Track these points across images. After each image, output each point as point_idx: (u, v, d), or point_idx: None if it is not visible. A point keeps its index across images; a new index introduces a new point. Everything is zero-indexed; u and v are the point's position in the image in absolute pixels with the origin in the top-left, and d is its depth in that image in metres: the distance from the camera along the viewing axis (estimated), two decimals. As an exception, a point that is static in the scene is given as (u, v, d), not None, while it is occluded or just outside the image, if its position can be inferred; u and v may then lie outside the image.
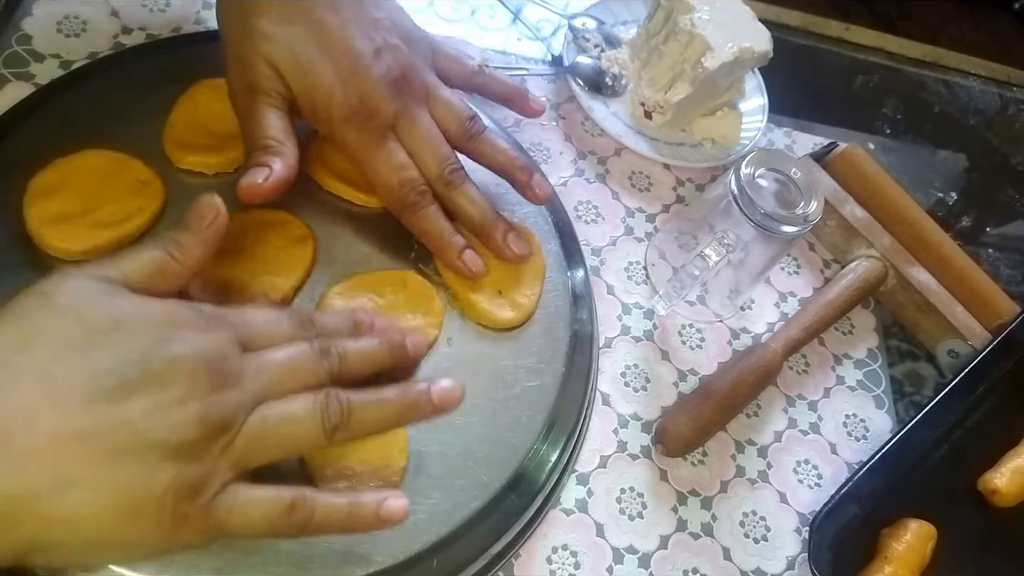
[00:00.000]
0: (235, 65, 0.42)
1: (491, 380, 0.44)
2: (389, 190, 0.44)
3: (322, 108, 0.42)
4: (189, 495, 0.29)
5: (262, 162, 0.40)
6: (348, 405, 0.33)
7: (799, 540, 0.48)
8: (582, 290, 0.49)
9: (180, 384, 0.30)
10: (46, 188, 0.41)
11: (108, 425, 0.28)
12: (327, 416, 0.32)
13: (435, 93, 0.45)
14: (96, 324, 0.30)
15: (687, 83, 0.57)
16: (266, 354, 0.33)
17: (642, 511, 0.47)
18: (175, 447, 0.29)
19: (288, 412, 0.32)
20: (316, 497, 0.32)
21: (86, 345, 0.29)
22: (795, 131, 0.68)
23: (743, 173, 0.47)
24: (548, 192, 0.47)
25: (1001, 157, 0.77)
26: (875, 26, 0.81)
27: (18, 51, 0.50)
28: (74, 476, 0.28)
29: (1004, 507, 0.51)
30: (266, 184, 0.39)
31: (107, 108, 0.45)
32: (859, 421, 0.54)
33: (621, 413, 0.49)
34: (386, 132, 0.43)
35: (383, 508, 0.33)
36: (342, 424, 0.33)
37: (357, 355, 0.35)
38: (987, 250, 0.68)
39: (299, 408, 0.32)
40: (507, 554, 0.42)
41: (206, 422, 0.30)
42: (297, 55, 0.41)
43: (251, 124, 0.41)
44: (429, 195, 0.44)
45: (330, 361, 0.34)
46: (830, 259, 0.61)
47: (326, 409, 0.32)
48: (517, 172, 0.46)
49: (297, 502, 0.32)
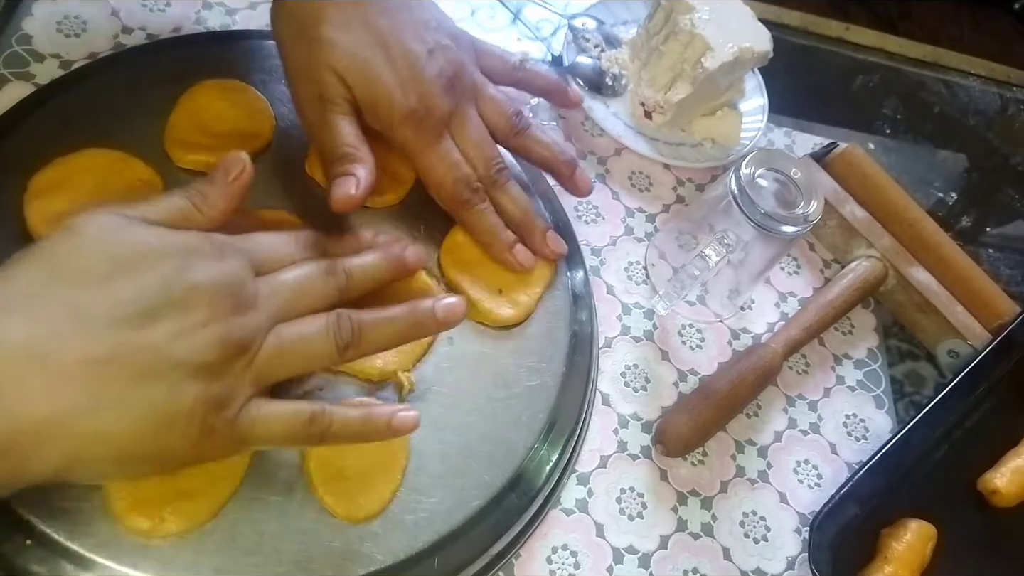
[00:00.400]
0: (300, 76, 0.43)
1: (491, 380, 0.44)
2: (444, 188, 0.45)
3: (383, 110, 0.43)
4: (216, 409, 0.31)
5: (347, 172, 0.41)
6: (359, 324, 0.35)
7: (799, 540, 0.48)
8: (582, 290, 0.49)
9: (201, 308, 0.31)
10: (46, 188, 0.41)
11: (135, 348, 0.30)
12: (339, 335, 0.34)
13: (483, 91, 0.47)
14: (119, 255, 0.31)
15: (687, 83, 0.57)
16: (278, 276, 0.35)
17: (642, 511, 0.47)
18: (199, 366, 0.31)
19: (303, 332, 0.34)
20: (333, 410, 0.34)
21: (111, 275, 0.30)
22: (795, 131, 0.68)
23: (743, 173, 0.48)
24: (590, 186, 0.50)
25: (1001, 157, 0.77)
26: (875, 26, 0.81)
27: (18, 51, 0.50)
28: (106, 395, 0.29)
29: (1004, 507, 0.51)
30: (357, 193, 0.40)
31: (107, 108, 0.45)
32: (859, 421, 0.54)
33: (621, 413, 0.49)
34: (441, 131, 0.44)
35: (395, 418, 0.35)
36: (353, 342, 0.35)
37: (362, 270, 0.37)
38: (987, 250, 0.68)
39: (313, 328, 0.34)
40: (507, 554, 0.42)
41: (227, 343, 0.32)
42: (359, 61, 0.42)
43: (326, 135, 0.42)
44: (482, 192, 0.45)
45: (336, 279, 0.36)
46: (830, 259, 0.61)
47: (338, 328, 0.35)
48: (561, 167, 0.49)
49: (316, 415, 0.34)
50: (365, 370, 0.41)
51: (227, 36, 0.53)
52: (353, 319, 0.35)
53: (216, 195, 0.36)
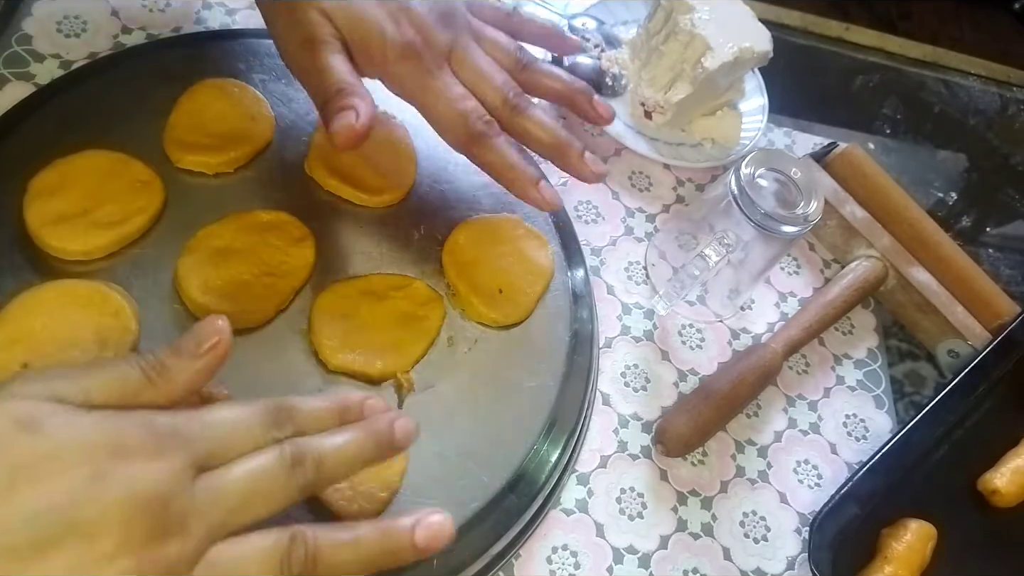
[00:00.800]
0: (286, 24, 0.40)
1: (491, 380, 0.44)
2: (451, 125, 0.42)
3: (376, 48, 0.40)
4: None
5: (345, 104, 0.37)
6: (315, 552, 0.29)
7: (799, 540, 0.48)
8: (582, 290, 0.49)
9: (111, 535, 0.25)
10: (46, 188, 0.41)
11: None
12: (287, 565, 0.28)
13: (481, 31, 0.44)
14: (23, 461, 0.25)
15: (687, 83, 0.57)
16: (227, 474, 0.28)
17: (642, 511, 0.47)
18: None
19: (241, 561, 0.28)
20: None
21: (8, 487, 0.25)
22: (795, 131, 0.68)
23: (743, 173, 0.48)
24: (612, 112, 0.47)
25: (1001, 157, 0.77)
26: (875, 26, 0.80)
27: (18, 51, 0.50)
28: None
29: (1004, 507, 0.51)
30: (359, 124, 0.37)
31: (107, 108, 0.45)
32: (859, 421, 0.54)
33: (621, 413, 0.49)
34: (442, 64, 0.42)
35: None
36: (307, 571, 0.28)
37: (336, 456, 0.30)
38: (987, 250, 0.68)
39: (256, 555, 0.28)
40: (507, 554, 0.42)
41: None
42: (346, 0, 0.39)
43: (319, 76, 0.39)
44: (495, 125, 0.42)
45: (303, 473, 0.29)
46: (830, 259, 0.61)
47: (287, 558, 0.28)
48: (577, 95, 0.46)
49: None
50: (365, 371, 0.41)
51: (227, 36, 0.53)
52: (309, 545, 0.28)
53: (179, 369, 0.30)
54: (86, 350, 0.37)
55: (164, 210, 0.43)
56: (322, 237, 0.45)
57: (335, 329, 0.42)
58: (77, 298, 0.39)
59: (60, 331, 0.38)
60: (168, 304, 0.41)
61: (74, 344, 0.37)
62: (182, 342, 0.30)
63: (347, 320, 0.42)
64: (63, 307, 0.38)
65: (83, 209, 0.41)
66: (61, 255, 0.40)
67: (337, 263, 0.45)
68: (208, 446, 0.29)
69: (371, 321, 0.43)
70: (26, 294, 0.38)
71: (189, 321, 0.41)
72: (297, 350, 0.42)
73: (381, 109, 0.47)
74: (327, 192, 0.47)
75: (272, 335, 0.42)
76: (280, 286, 0.42)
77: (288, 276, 0.43)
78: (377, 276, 0.45)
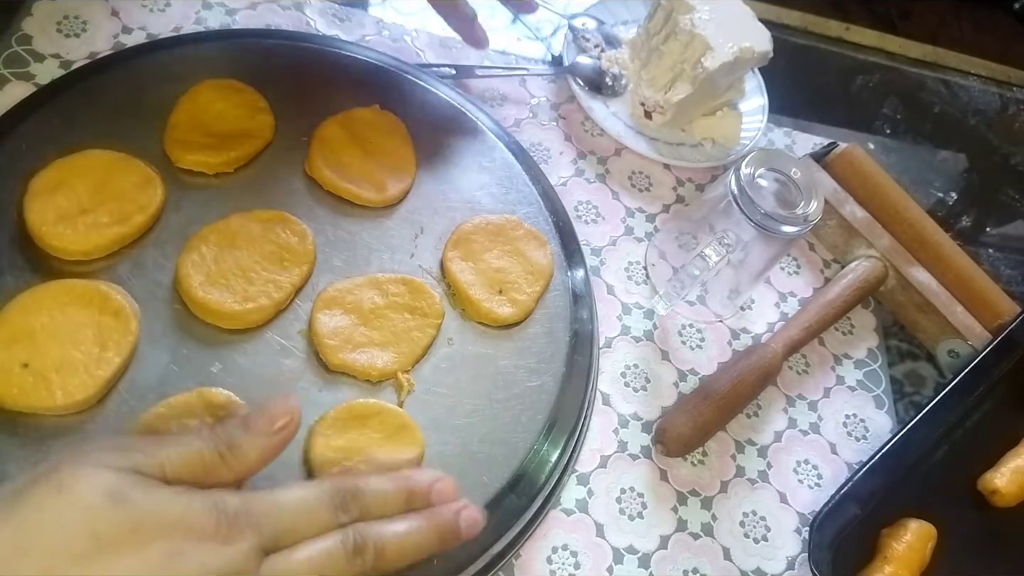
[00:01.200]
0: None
1: (491, 380, 0.44)
2: None
3: None
4: None
5: None
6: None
7: (799, 540, 0.48)
8: (582, 290, 0.49)
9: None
10: (46, 188, 0.41)
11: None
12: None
13: None
14: (104, 532, 0.27)
15: (687, 83, 0.57)
16: (290, 560, 0.30)
17: (642, 511, 0.47)
18: None
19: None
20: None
21: (86, 556, 0.26)
22: (795, 131, 0.68)
23: (743, 173, 0.47)
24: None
25: (1001, 157, 0.77)
26: (875, 26, 0.81)
27: (18, 51, 0.50)
28: None
29: (1004, 507, 0.51)
30: None
31: (107, 108, 0.45)
32: (859, 421, 0.54)
33: (621, 413, 0.49)
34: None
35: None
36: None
37: (397, 546, 0.31)
38: (987, 250, 0.68)
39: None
40: (507, 554, 0.42)
41: None
42: None
43: None
44: None
45: (364, 561, 0.31)
46: (830, 259, 0.61)
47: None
48: None
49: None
50: (365, 371, 0.41)
51: (227, 36, 0.53)
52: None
53: (251, 447, 0.31)
54: (86, 350, 0.38)
55: (164, 210, 0.43)
56: (322, 237, 0.45)
57: (335, 329, 0.42)
58: (77, 298, 0.39)
59: (60, 331, 0.38)
60: (168, 304, 0.41)
61: (74, 344, 0.37)
62: (253, 420, 0.31)
63: (347, 320, 0.42)
64: (63, 307, 0.38)
65: (83, 209, 0.41)
66: (61, 255, 0.40)
67: (337, 263, 0.45)
68: (275, 530, 0.30)
69: (371, 321, 0.43)
70: (26, 294, 0.38)
71: (189, 321, 0.41)
72: (297, 350, 0.42)
73: None
74: (327, 192, 0.47)
75: (272, 335, 0.42)
76: (280, 286, 0.42)
77: (289, 274, 0.43)
78: (377, 276, 0.45)
